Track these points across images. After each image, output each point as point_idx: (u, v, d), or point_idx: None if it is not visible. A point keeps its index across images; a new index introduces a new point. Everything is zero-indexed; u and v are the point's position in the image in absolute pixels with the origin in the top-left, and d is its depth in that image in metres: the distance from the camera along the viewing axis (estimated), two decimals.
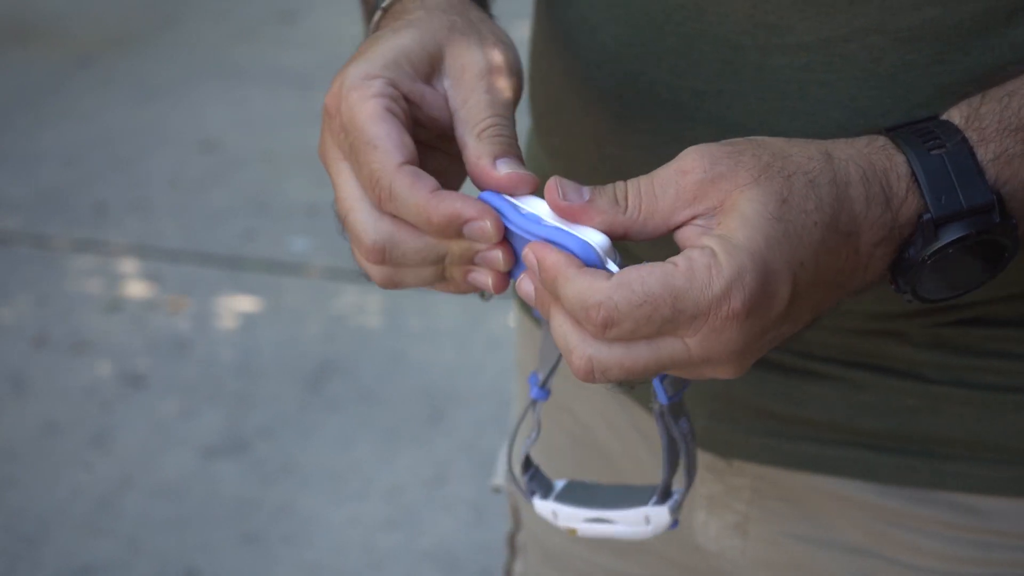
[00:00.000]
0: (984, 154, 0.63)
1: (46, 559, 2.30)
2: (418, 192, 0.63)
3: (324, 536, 2.35)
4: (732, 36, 0.72)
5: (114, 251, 3.22)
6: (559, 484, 0.73)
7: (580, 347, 0.60)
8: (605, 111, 0.78)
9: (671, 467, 0.70)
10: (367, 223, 0.64)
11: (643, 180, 0.62)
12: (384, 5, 0.72)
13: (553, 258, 0.60)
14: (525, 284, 0.62)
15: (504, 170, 0.64)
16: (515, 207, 0.63)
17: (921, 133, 0.64)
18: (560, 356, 0.70)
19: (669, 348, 0.60)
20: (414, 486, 2.45)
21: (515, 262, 0.64)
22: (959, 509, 0.81)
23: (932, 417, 0.80)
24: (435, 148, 0.68)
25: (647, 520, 0.71)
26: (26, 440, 2.58)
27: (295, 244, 3.22)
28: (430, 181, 0.63)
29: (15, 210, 3.39)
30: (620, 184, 0.62)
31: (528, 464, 0.73)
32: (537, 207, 0.62)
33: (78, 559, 2.30)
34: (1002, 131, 0.64)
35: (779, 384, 0.82)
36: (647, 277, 0.58)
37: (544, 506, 0.72)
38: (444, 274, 0.66)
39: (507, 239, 0.63)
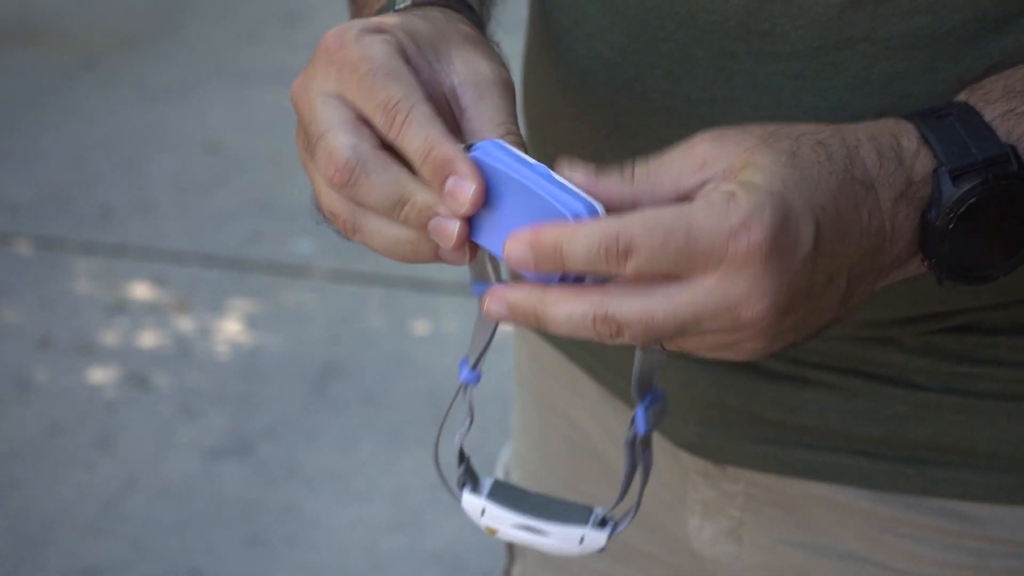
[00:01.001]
0: (991, 113, 0.63)
1: (50, 560, 2.30)
2: (435, 124, 0.61)
3: (328, 538, 2.35)
4: (725, 43, 0.72)
5: (118, 253, 3.22)
6: (487, 481, 0.71)
7: (599, 310, 0.58)
8: (599, 118, 0.78)
9: (624, 495, 0.69)
10: (345, 142, 0.62)
11: (651, 159, 0.61)
12: (398, 8, 0.71)
13: (542, 231, 0.58)
14: (495, 307, 0.60)
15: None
16: (524, 159, 0.61)
17: (928, 110, 0.64)
18: (490, 340, 0.68)
19: (691, 294, 0.58)
20: (418, 488, 2.45)
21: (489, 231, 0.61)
22: (953, 516, 0.81)
23: (925, 424, 0.80)
24: None
25: (581, 540, 0.70)
26: (30, 441, 2.58)
27: (300, 246, 3.22)
28: (445, 124, 0.62)
29: (19, 211, 3.39)
30: (627, 165, 0.61)
31: (462, 456, 0.71)
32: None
33: (82, 560, 2.30)
34: (1007, 94, 0.64)
35: (772, 391, 0.82)
36: (663, 210, 0.57)
37: (473, 501, 0.70)
38: (403, 234, 0.63)
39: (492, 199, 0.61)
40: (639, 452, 0.67)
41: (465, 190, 0.60)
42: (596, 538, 0.69)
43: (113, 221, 3.36)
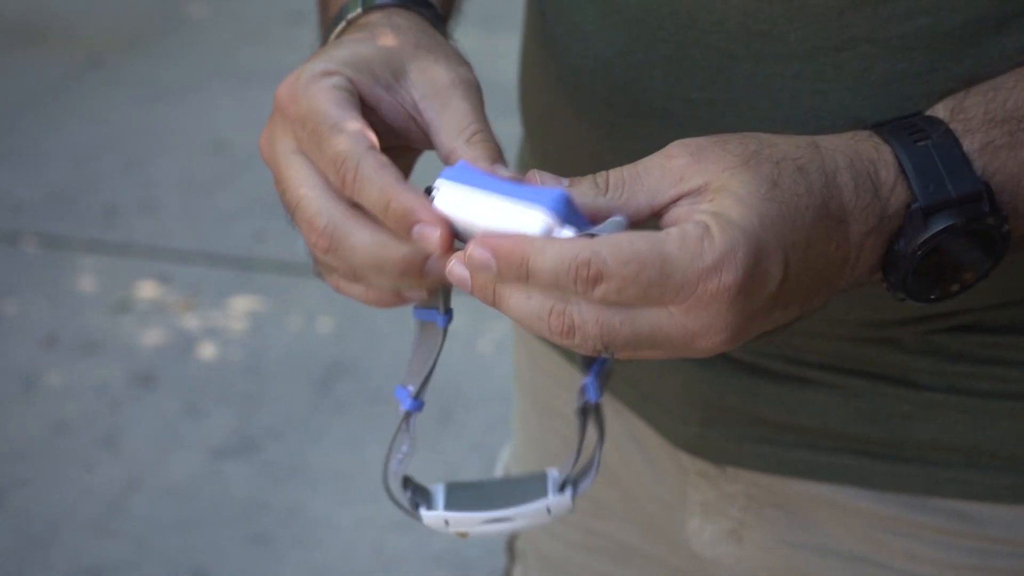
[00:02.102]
0: (970, 144, 0.63)
1: (55, 560, 2.30)
2: (385, 175, 0.61)
3: (333, 538, 2.35)
4: (724, 45, 0.72)
5: (124, 252, 3.22)
6: (438, 490, 0.70)
7: (558, 305, 0.58)
8: (598, 119, 0.78)
9: (578, 459, 0.69)
10: (321, 207, 0.62)
11: (626, 167, 0.61)
12: (350, 17, 0.71)
13: (511, 240, 0.58)
14: (457, 268, 0.60)
15: (503, 174, 0.63)
16: (491, 176, 0.61)
17: (905, 127, 0.63)
18: (433, 366, 0.68)
19: (654, 316, 0.58)
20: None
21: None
22: (954, 516, 0.81)
23: (926, 424, 0.79)
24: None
25: (548, 511, 0.69)
26: (35, 440, 2.58)
27: (305, 245, 3.22)
28: (396, 170, 0.62)
29: (25, 211, 3.39)
30: (601, 172, 0.61)
31: (407, 481, 0.70)
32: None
33: (87, 560, 2.30)
34: (987, 122, 0.64)
35: (772, 391, 0.82)
36: (637, 240, 0.57)
37: (433, 516, 0.69)
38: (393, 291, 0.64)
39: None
40: (592, 417, 0.67)
41: (432, 236, 0.60)
42: (561, 503, 0.69)
43: (118, 220, 3.36)
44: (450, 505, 0.69)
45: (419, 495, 0.70)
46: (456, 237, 0.61)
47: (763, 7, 0.71)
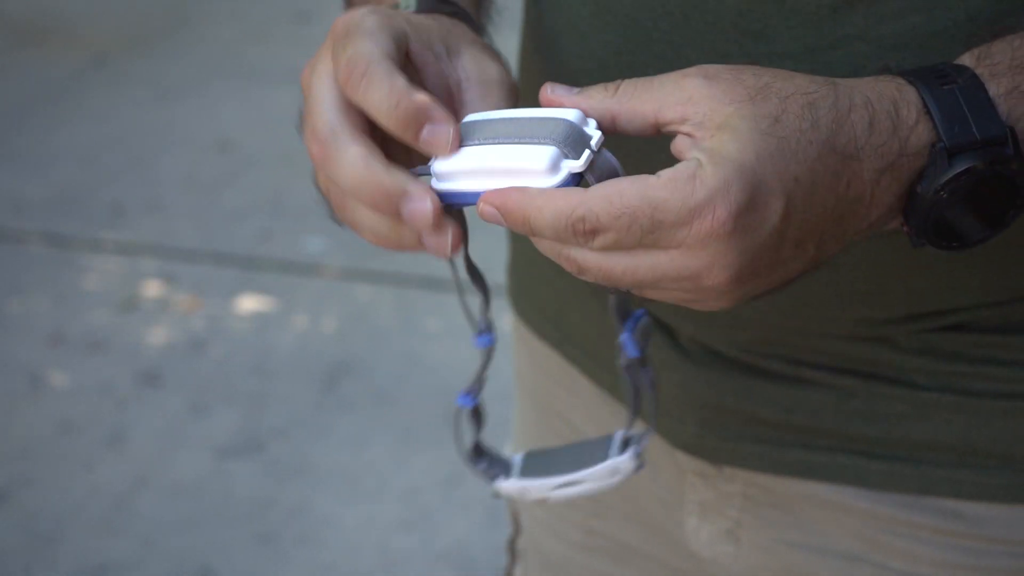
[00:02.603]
0: (996, 88, 0.63)
1: (61, 558, 2.31)
2: (397, 78, 0.61)
3: (339, 537, 2.36)
4: (718, 44, 0.72)
5: (130, 251, 3.23)
6: (516, 459, 0.73)
7: (564, 250, 0.60)
8: None
9: (635, 415, 0.71)
10: (328, 118, 0.62)
11: (642, 78, 0.61)
12: (402, 10, 0.71)
13: (514, 196, 0.59)
14: (487, 208, 0.61)
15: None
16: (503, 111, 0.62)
17: (932, 72, 0.63)
18: (481, 379, 0.71)
19: (653, 258, 0.59)
20: (429, 487, 2.45)
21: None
22: (949, 515, 0.81)
23: (921, 423, 0.80)
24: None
25: (614, 472, 0.71)
26: (41, 439, 2.59)
27: (311, 244, 3.23)
28: (407, 78, 0.62)
29: (31, 209, 3.40)
30: (614, 81, 0.62)
31: (479, 451, 0.72)
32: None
33: (93, 558, 2.31)
34: (1013, 68, 0.63)
35: (769, 391, 0.82)
36: (626, 189, 0.58)
37: (511, 485, 0.71)
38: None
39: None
40: (639, 373, 0.69)
41: (444, 133, 0.60)
42: (626, 463, 0.71)
43: (124, 219, 3.36)
44: (525, 473, 0.71)
45: (497, 465, 0.72)
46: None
47: (757, 7, 0.71)
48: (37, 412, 2.67)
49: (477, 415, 0.72)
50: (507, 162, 0.60)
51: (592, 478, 0.71)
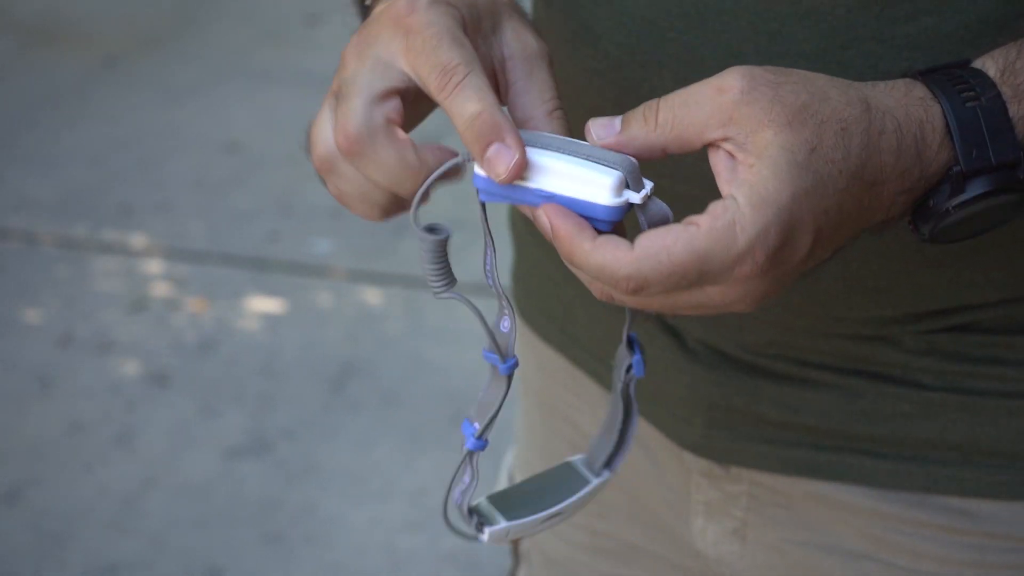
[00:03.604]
0: (1016, 110, 0.64)
1: (71, 557, 2.31)
2: (488, 91, 0.63)
3: (346, 537, 2.36)
4: (734, 44, 0.73)
5: (138, 252, 3.24)
6: (484, 504, 0.71)
7: (599, 285, 0.62)
8: None
9: (621, 439, 0.72)
10: (361, 112, 0.63)
11: (678, 96, 0.62)
12: None
13: (566, 227, 0.61)
14: (544, 219, 0.62)
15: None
16: (564, 139, 0.63)
17: (956, 80, 0.64)
18: (498, 410, 0.69)
19: (690, 296, 0.61)
20: (435, 488, 2.46)
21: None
22: (954, 513, 0.81)
23: (926, 422, 0.80)
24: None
25: (592, 492, 0.73)
26: (51, 439, 2.60)
27: (318, 246, 3.23)
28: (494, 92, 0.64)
29: (40, 210, 3.41)
30: (651, 103, 0.62)
31: (470, 512, 0.71)
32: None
33: (103, 558, 2.32)
34: None
35: (776, 391, 0.83)
36: (672, 246, 0.59)
37: (498, 531, 0.70)
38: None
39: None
40: (631, 395, 0.70)
41: (508, 158, 0.61)
42: (604, 479, 0.73)
43: (133, 220, 3.37)
44: (508, 517, 0.71)
45: (479, 518, 0.71)
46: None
47: (772, 7, 0.71)
48: (46, 412, 2.68)
49: (475, 472, 0.71)
50: (574, 171, 0.61)
51: (574, 505, 0.72)
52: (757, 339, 0.82)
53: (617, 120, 0.62)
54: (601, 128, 0.62)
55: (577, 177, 0.61)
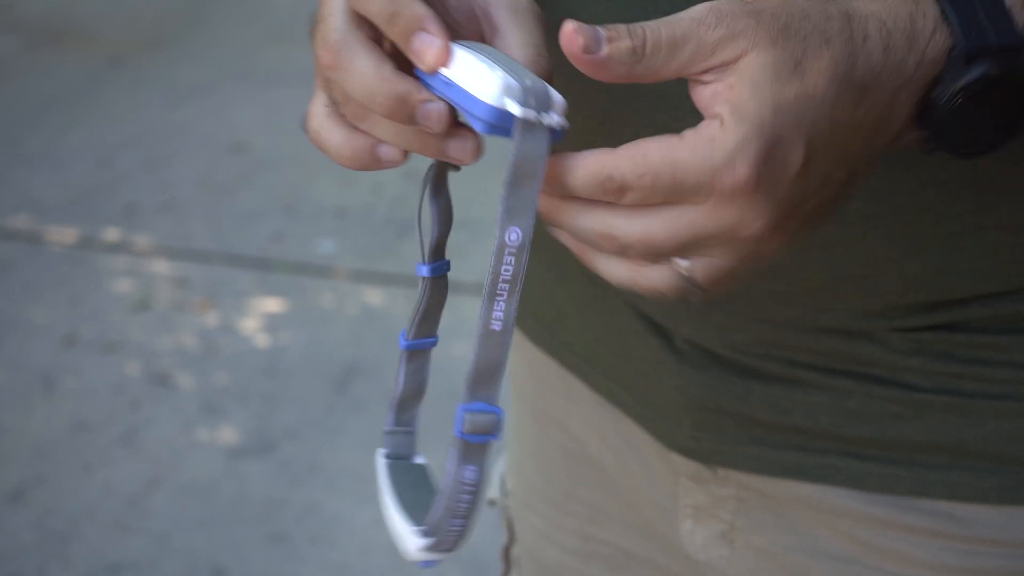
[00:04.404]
0: (1011, 1, 0.63)
1: (76, 556, 2.32)
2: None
3: (350, 537, 2.36)
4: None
5: (144, 252, 3.24)
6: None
7: (601, 225, 0.61)
8: (592, 106, 0.79)
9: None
10: (339, 24, 0.64)
11: (663, 27, 0.60)
12: None
13: (552, 162, 0.60)
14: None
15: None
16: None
17: None
18: (422, 308, 0.70)
19: (689, 216, 0.60)
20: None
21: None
22: (942, 517, 0.81)
23: (915, 424, 0.80)
24: None
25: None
26: (55, 439, 2.60)
27: (323, 246, 3.24)
28: None
29: (45, 210, 3.41)
30: (637, 29, 0.61)
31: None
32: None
33: (107, 557, 2.32)
34: None
35: (765, 392, 0.82)
36: (650, 149, 0.59)
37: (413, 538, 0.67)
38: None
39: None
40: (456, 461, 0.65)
41: (431, 46, 0.61)
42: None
43: (138, 220, 3.38)
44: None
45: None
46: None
47: None
48: (51, 412, 2.68)
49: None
50: (476, 66, 0.60)
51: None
52: (745, 337, 0.82)
53: (603, 37, 0.60)
54: (591, 38, 0.60)
55: (474, 71, 0.60)
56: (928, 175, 0.72)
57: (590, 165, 0.60)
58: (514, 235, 0.60)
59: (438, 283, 0.70)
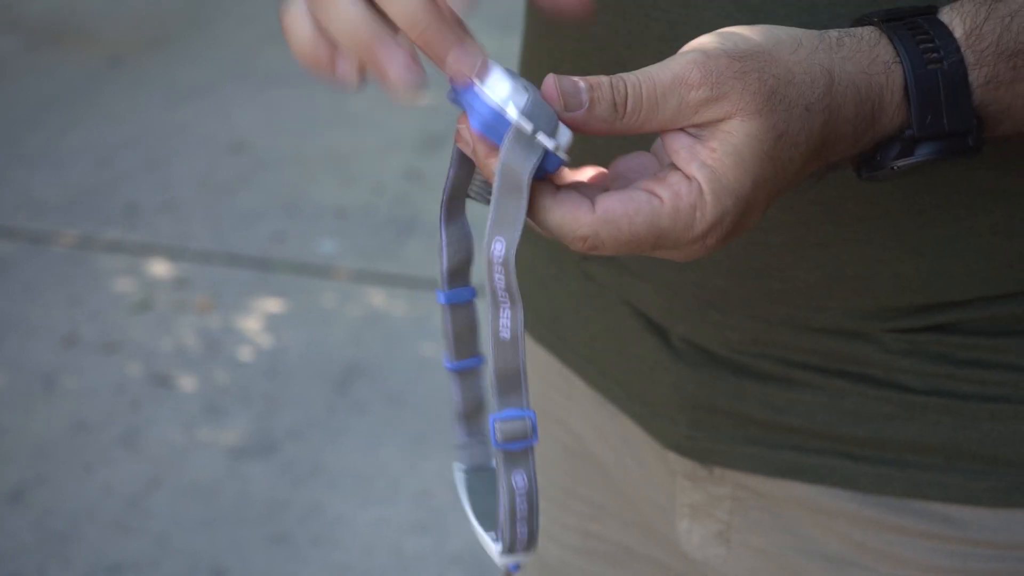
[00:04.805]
0: (976, 77, 0.63)
1: (76, 557, 2.32)
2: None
3: (352, 538, 2.36)
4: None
5: (144, 252, 3.24)
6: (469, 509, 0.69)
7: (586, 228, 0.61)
8: None
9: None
10: None
11: (644, 83, 0.60)
12: None
13: (535, 188, 0.60)
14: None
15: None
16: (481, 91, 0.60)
17: (921, 35, 0.63)
18: (450, 333, 0.69)
19: (639, 251, 0.62)
20: (441, 490, 2.46)
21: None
22: (935, 518, 0.81)
23: (908, 425, 0.80)
24: None
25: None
26: (56, 439, 2.60)
27: (324, 246, 3.24)
28: None
29: (46, 210, 3.41)
30: (619, 85, 0.60)
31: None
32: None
33: (108, 557, 2.32)
34: (997, 55, 0.64)
35: (760, 391, 0.83)
36: (634, 217, 0.59)
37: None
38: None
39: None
40: (504, 470, 0.64)
41: (474, 59, 0.59)
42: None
43: (139, 220, 3.38)
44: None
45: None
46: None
47: None
48: (51, 412, 2.68)
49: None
50: (501, 83, 0.59)
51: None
52: (741, 336, 0.82)
53: (584, 93, 0.60)
54: (570, 93, 0.60)
55: (493, 74, 0.59)
56: (921, 178, 0.72)
57: (566, 220, 0.60)
58: (498, 247, 0.59)
59: (459, 309, 0.69)
